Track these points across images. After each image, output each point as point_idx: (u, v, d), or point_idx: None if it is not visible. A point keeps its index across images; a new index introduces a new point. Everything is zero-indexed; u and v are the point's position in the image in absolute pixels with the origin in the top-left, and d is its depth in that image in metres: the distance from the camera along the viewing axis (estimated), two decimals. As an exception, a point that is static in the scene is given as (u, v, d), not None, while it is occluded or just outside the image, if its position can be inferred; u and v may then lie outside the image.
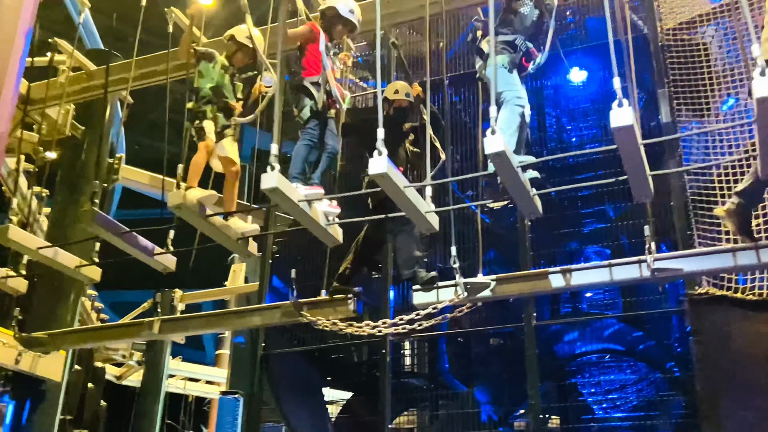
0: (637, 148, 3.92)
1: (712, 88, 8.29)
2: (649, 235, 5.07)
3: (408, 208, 4.86)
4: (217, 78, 6.20)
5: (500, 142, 4.01)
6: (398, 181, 4.58)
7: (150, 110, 19.49)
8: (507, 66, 5.55)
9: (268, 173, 4.70)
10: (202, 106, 6.08)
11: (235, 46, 6.42)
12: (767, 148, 3.92)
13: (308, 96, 5.91)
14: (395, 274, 6.05)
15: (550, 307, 10.02)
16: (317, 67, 5.96)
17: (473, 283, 5.60)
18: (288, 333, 10.36)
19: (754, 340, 6.99)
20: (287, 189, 4.87)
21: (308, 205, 5.17)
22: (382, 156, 4.32)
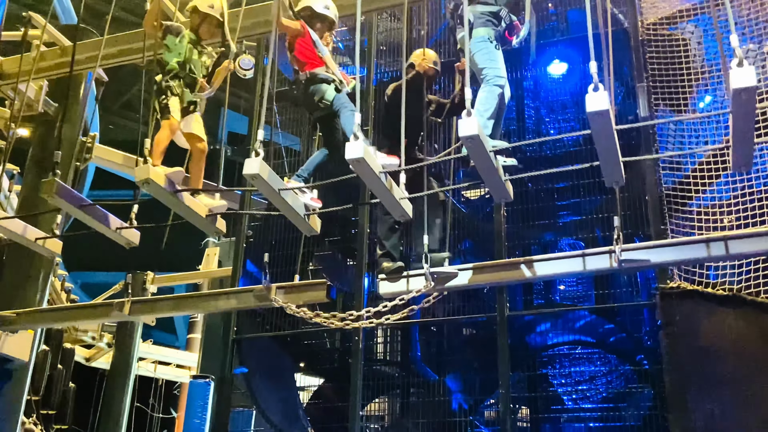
0: (611, 132, 3.91)
1: (690, 83, 8.35)
2: (618, 225, 5.07)
3: (382, 194, 4.83)
4: (185, 53, 6.09)
5: (474, 125, 3.97)
6: (374, 166, 4.54)
7: (125, 90, 19.26)
8: (493, 41, 5.43)
9: (252, 159, 4.65)
10: (169, 80, 5.98)
11: (198, 17, 6.30)
12: (740, 139, 3.93)
13: (326, 82, 5.87)
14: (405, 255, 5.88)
15: (523, 298, 10.06)
16: (316, 59, 5.93)
17: (440, 272, 5.56)
18: (260, 318, 10.31)
19: (722, 335, 7.08)
20: (268, 176, 4.82)
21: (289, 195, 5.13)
22: (359, 140, 4.28)
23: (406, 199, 5.22)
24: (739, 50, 3.41)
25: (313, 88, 5.91)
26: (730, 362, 6.92)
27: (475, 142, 4.12)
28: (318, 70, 5.91)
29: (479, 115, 4.99)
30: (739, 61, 3.41)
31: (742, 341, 6.92)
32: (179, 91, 5.93)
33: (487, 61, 5.33)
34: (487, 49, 5.38)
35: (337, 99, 5.79)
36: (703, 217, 7.55)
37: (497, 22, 5.53)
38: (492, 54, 5.40)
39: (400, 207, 5.09)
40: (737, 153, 3.96)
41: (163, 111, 5.86)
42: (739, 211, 7.34)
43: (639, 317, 9.49)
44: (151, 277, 14.91)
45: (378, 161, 4.86)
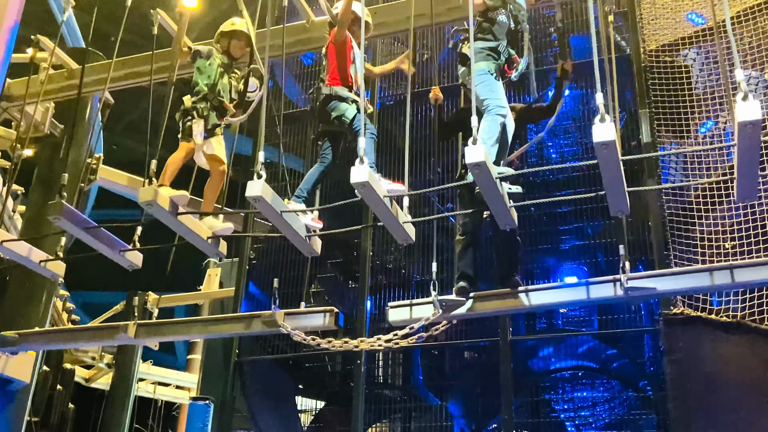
0: (617, 162, 3.95)
1: (692, 110, 8.40)
2: (624, 254, 5.10)
3: (386, 217, 4.86)
4: (215, 76, 6.14)
5: (481, 152, 4.03)
6: (378, 190, 4.57)
7: (130, 111, 19.34)
8: (493, 73, 5.53)
9: (255, 181, 4.68)
10: (196, 102, 6.02)
11: (226, 39, 6.37)
12: (745, 171, 3.97)
13: (345, 102, 5.88)
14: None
15: (526, 323, 10.04)
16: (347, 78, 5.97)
17: (448, 300, 5.57)
18: (262, 340, 10.28)
19: (725, 362, 7.07)
20: (271, 198, 4.85)
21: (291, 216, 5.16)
22: (364, 164, 4.32)
23: (410, 223, 5.26)
24: (744, 84, 3.46)
25: (332, 105, 5.91)
26: (734, 390, 6.90)
27: (482, 168, 4.17)
28: (340, 90, 5.91)
29: (483, 144, 5.04)
30: (744, 95, 3.45)
31: (747, 369, 6.91)
32: (205, 114, 5.96)
33: (489, 92, 5.41)
34: (487, 80, 5.46)
35: (358, 119, 5.76)
36: (707, 243, 7.56)
37: (497, 57, 5.63)
38: (493, 85, 5.48)
39: (403, 231, 5.12)
40: (742, 185, 4.00)
41: (184, 132, 5.90)
42: (742, 237, 7.35)
43: (641, 343, 9.47)
44: (153, 298, 14.90)
45: (383, 186, 4.91)
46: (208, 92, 6.02)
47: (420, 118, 9.74)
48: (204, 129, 5.97)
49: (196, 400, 14.37)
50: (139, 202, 5.60)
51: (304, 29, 7.81)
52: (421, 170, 9.98)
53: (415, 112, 9.49)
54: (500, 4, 5.75)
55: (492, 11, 5.71)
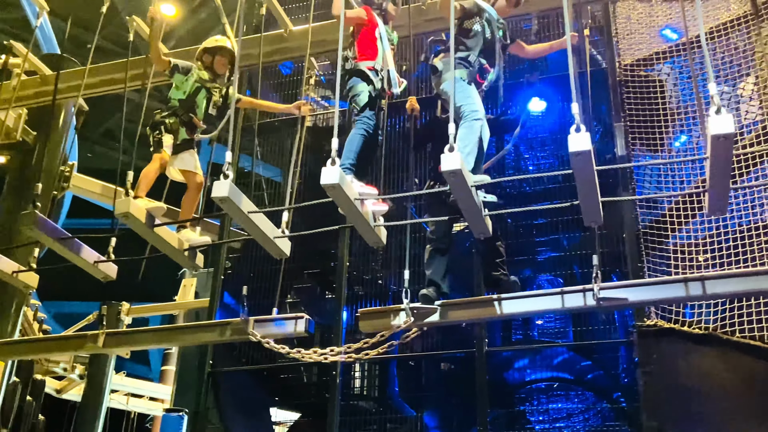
0: (592, 172, 3.97)
1: (666, 124, 8.49)
2: (597, 264, 5.12)
3: (357, 220, 4.84)
4: (189, 91, 6.13)
5: (457, 160, 4.02)
6: (349, 192, 4.55)
7: (105, 118, 19.18)
8: (465, 79, 5.52)
9: (221, 181, 4.62)
10: (167, 117, 6.00)
11: (210, 55, 6.35)
12: (716, 184, 4.00)
13: (365, 81, 5.76)
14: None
15: (502, 334, 10.05)
16: (373, 52, 5.83)
17: (420, 308, 5.56)
18: (236, 351, 10.19)
19: (698, 373, 7.12)
20: (238, 199, 4.79)
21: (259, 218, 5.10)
22: (335, 166, 4.29)
23: (382, 227, 5.25)
24: (717, 98, 3.50)
25: (351, 82, 5.79)
26: (707, 402, 6.95)
27: (458, 176, 4.16)
28: (362, 64, 5.77)
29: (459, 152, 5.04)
30: (717, 109, 3.49)
31: (719, 381, 6.96)
32: (174, 128, 5.96)
33: (463, 98, 5.40)
34: (461, 87, 5.46)
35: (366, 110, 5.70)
36: (680, 255, 7.63)
37: (468, 65, 5.64)
38: (466, 91, 5.47)
39: (374, 234, 5.10)
40: (713, 198, 4.03)
41: (156, 145, 5.89)
42: (715, 250, 7.43)
43: (616, 354, 9.52)
44: (126, 308, 14.70)
45: (354, 189, 4.87)
46: (179, 107, 6.03)
47: (398, 129, 9.74)
48: (173, 144, 5.97)
49: (170, 412, 14.19)
50: (114, 214, 5.56)
51: (282, 38, 7.81)
52: (398, 181, 9.97)
53: (393, 122, 9.49)
54: (476, 11, 5.75)
55: (467, 20, 5.72)
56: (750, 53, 8.32)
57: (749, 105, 8.33)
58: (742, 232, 7.38)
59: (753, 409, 6.78)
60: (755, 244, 7.19)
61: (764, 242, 7.17)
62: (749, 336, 6.83)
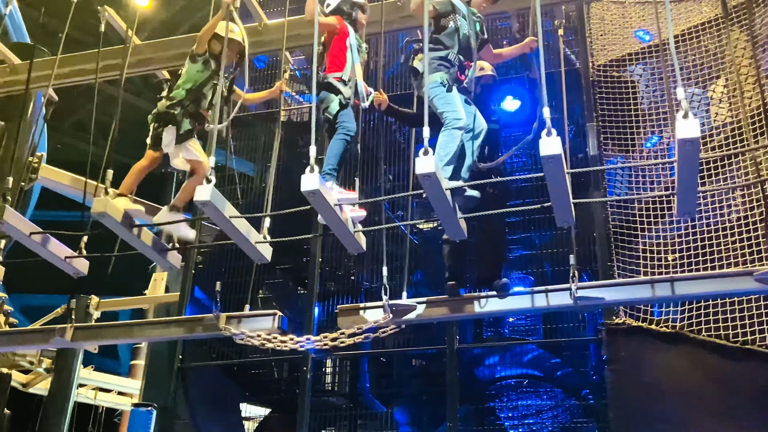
0: (563, 176, 4.01)
1: (638, 125, 8.59)
2: (574, 263, 5.18)
3: (337, 227, 4.84)
4: (200, 81, 5.95)
5: (431, 163, 4.04)
6: (329, 198, 4.56)
7: (76, 109, 18.91)
8: (446, 83, 5.46)
9: (204, 185, 4.63)
10: (172, 108, 5.80)
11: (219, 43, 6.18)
12: (685, 187, 4.07)
13: (333, 92, 5.78)
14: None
15: (473, 331, 10.11)
16: (341, 62, 5.86)
17: (399, 305, 5.58)
18: (206, 346, 10.13)
19: (665, 372, 7.23)
20: (221, 203, 4.79)
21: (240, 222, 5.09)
22: (314, 173, 4.30)
23: (361, 232, 5.26)
24: (685, 102, 3.55)
25: (322, 95, 5.83)
26: (673, 399, 7.06)
27: (432, 180, 4.18)
28: (330, 76, 5.81)
29: (438, 159, 5.04)
30: (684, 113, 3.54)
31: (685, 379, 7.08)
32: (179, 120, 5.77)
33: (444, 104, 5.36)
34: (441, 93, 5.41)
35: (340, 115, 5.72)
36: (648, 255, 7.73)
37: (449, 65, 5.57)
38: (446, 97, 5.41)
39: (354, 241, 5.12)
40: (682, 200, 4.10)
41: (154, 140, 5.71)
42: (683, 250, 7.54)
43: (585, 352, 9.63)
44: (95, 302, 14.52)
45: (334, 195, 4.90)
46: (185, 98, 5.85)
47: (372, 126, 9.73)
48: (176, 135, 5.81)
49: (138, 407, 14.07)
50: (91, 213, 5.49)
51: (257, 32, 7.74)
52: (373, 178, 9.97)
53: (367, 119, 9.48)
54: (450, 9, 5.71)
55: (443, 18, 5.66)
56: (720, 56, 8.45)
57: (719, 107, 8.46)
58: (710, 233, 7.50)
59: (717, 407, 6.90)
60: (722, 245, 7.32)
61: (731, 243, 7.30)
62: (715, 335, 6.96)
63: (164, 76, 9.31)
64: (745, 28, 7.30)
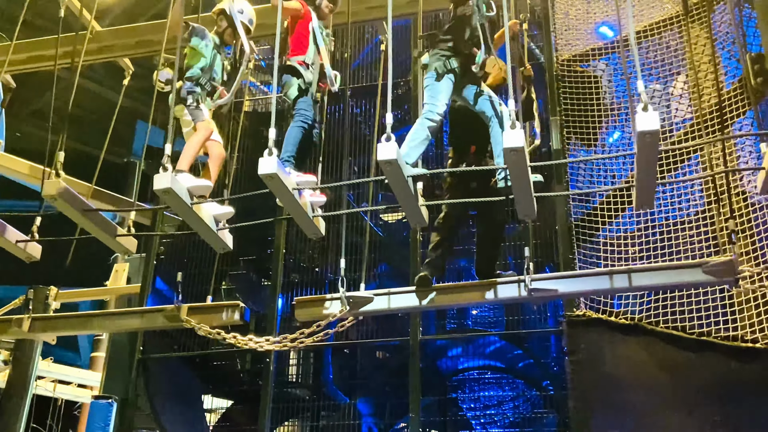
0: (526, 168, 4.05)
1: (600, 119, 8.69)
2: (528, 256, 5.23)
3: (295, 211, 4.83)
4: (210, 58, 5.89)
5: (393, 150, 4.05)
6: (287, 183, 4.54)
7: (35, 97, 18.51)
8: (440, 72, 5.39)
9: (161, 174, 4.58)
10: (193, 88, 5.72)
11: (225, 21, 6.12)
12: (643, 179, 4.13)
13: (295, 75, 5.76)
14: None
15: (436, 323, 10.16)
16: (304, 46, 5.84)
17: (356, 297, 5.58)
18: (168, 337, 10.03)
19: (624, 362, 7.34)
20: (180, 191, 4.74)
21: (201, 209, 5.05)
22: (272, 156, 4.28)
23: (320, 217, 5.25)
24: (645, 95, 3.60)
25: (284, 79, 5.80)
26: (632, 390, 7.17)
27: (393, 166, 4.20)
28: (293, 59, 5.79)
29: (406, 144, 5.08)
30: (644, 106, 3.59)
31: (644, 370, 7.20)
32: (203, 100, 5.73)
33: (429, 96, 5.36)
34: (431, 83, 5.40)
35: (299, 102, 5.71)
36: (609, 248, 7.84)
37: (455, 53, 5.48)
38: (434, 88, 5.38)
39: (313, 225, 5.11)
40: (640, 192, 4.16)
41: (195, 116, 5.62)
42: (642, 243, 7.66)
43: (546, 344, 9.75)
44: (54, 293, 14.27)
45: (292, 179, 4.88)
46: (202, 76, 5.79)
47: (337, 117, 9.71)
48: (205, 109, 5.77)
49: (99, 399, 13.88)
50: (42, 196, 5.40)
51: (220, 21, 7.64)
52: (337, 170, 9.96)
53: (332, 110, 9.45)
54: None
55: (461, 5, 5.59)
56: (681, 53, 8.57)
57: (679, 103, 8.59)
58: (668, 226, 7.63)
59: (674, 397, 7.03)
60: (680, 238, 7.45)
61: (689, 237, 7.43)
62: (672, 327, 7.08)
63: (126, 64, 9.18)
64: (705, 25, 7.42)
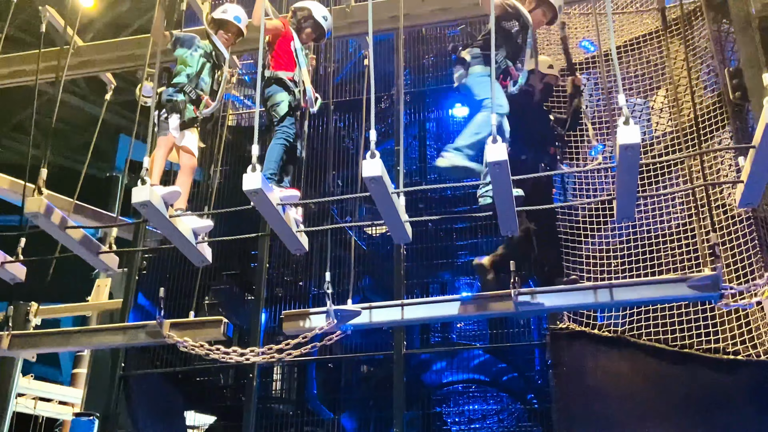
0: (508, 183, 4.06)
1: (583, 133, 8.75)
2: (514, 270, 5.25)
3: (279, 226, 4.82)
4: (197, 66, 5.88)
5: (378, 167, 4.05)
6: (272, 197, 4.53)
7: (16, 111, 18.40)
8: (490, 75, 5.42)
9: (140, 187, 4.56)
10: (173, 95, 5.72)
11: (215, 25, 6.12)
12: (624, 192, 4.16)
13: (285, 89, 5.77)
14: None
15: (421, 336, 10.15)
16: (291, 63, 5.86)
17: (343, 310, 5.57)
18: (150, 353, 9.93)
19: (607, 375, 7.36)
20: (158, 204, 4.72)
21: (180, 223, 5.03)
22: (257, 172, 4.27)
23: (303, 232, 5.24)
24: (626, 109, 3.63)
25: (269, 91, 5.80)
26: (615, 403, 7.20)
27: (378, 183, 4.19)
28: (282, 73, 5.81)
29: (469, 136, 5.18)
30: (625, 119, 3.62)
31: (626, 382, 7.23)
32: (182, 108, 5.70)
33: (488, 91, 5.23)
34: (485, 81, 5.34)
35: (286, 119, 5.72)
36: (592, 261, 7.88)
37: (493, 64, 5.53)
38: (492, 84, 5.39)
39: (296, 241, 5.10)
40: (621, 206, 4.19)
41: (161, 127, 5.61)
42: (625, 256, 7.71)
43: (531, 357, 9.76)
44: (34, 308, 14.11)
45: (276, 194, 4.87)
46: (187, 83, 5.78)
47: (321, 131, 9.71)
48: (179, 122, 5.73)
49: (80, 416, 13.72)
50: (24, 214, 5.35)
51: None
52: (321, 183, 9.96)
53: (315, 124, 9.46)
54: (515, 14, 5.63)
55: (506, 21, 5.59)
56: (661, 67, 8.67)
57: (660, 117, 8.69)
58: (651, 239, 7.68)
59: (657, 409, 7.06)
60: (662, 251, 7.50)
61: (670, 250, 7.49)
62: (654, 339, 7.13)
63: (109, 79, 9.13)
64: (684, 40, 7.52)
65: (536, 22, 6.01)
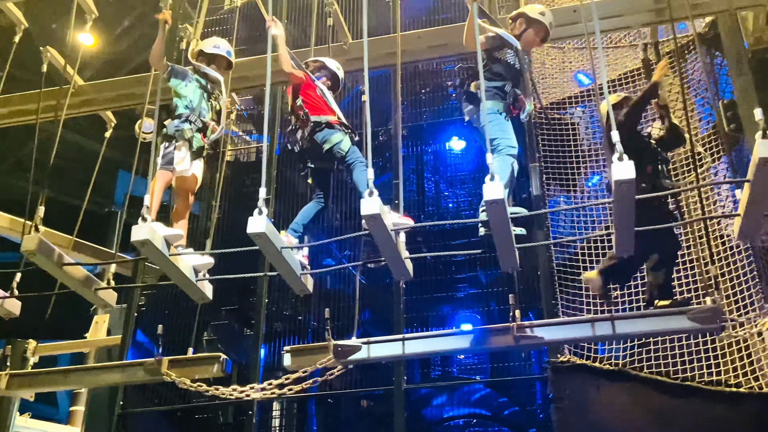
0: (507, 222, 4.07)
1: (579, 165, 8.82)
2: (514, 303, 5.24)
3: (283, 268, 4.81)
4: (192, 96, 5.94)
5: (377, 205, 4.04)
6: (276, 241, 4.52)
7: (16, 148, 18.47)
8: (502, 112, 5.49)
9: (140, 225, 4.56)
10: (180, 125, 5.75)
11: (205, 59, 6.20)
12: (622, 226, 4.18)
13: (339, 131, 5.87)
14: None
15: (421, 371, 10.08)
16: (326, 108, 5.97)
17: (345, 345, 5.55)
18: (149, 390, 9.84)
19: (609, 409, 7.31)
20: (159, 242, 4.71)
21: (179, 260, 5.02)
22: (262, 215, 4.26)
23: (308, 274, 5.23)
24: (620, 145, 3.66)
25: (321, 136, 5.84)
26: (616, 435, 7.15)
27: (377, 221, 4.17)
28: (328, 117, 5.89)
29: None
30: (619, 155, 3.65)
31: (628, 415, 7.17)
32: (189, 136, 5.73)
33: (499, 131, 5.37)
34: (497, 120, 5.42)
35: (352, 151, 5.79)
36: (591, 293, 7.86)
37: (503, 96, 5.58)
38: (503, 125, 5.45)
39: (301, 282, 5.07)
40: (620, 239, 4.20)
41: (165, 159, 5.62)
42: (624, 287, 7.69)
43: (532, 390, 9.69)
44: (32, 346, 14.01)
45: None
46: (191, 114, 5.82)
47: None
48: (189, 152, 5.75)
49: (77, 455, 13.55)
50: (21, 251, 5.35)
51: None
52: (321, 218, 9.97)
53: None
54: (500, 44, 5.70)
55: (497, 51, 5.68)
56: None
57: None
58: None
59: (659, 443, 7.01)
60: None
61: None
62: (656, 372, 7.10)
63: (109, 117, 9.20)
64: (678, 73, 7.61)
65: (529, 43, 6.08)
